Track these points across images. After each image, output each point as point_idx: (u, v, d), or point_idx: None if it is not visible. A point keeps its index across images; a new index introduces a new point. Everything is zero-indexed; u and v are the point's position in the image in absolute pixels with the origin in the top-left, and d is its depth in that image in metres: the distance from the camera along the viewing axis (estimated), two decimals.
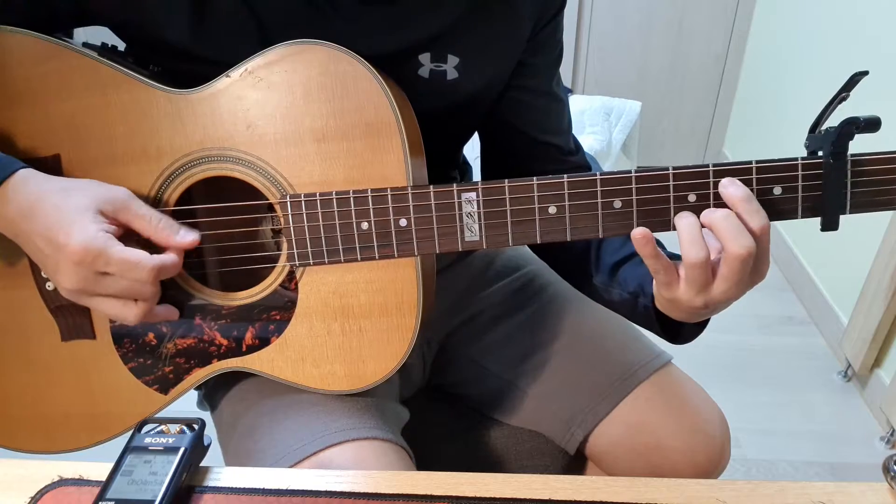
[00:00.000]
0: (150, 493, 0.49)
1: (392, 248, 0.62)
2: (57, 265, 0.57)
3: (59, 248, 0.56)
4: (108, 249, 0.55)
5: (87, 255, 0.55)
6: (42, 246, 0.57)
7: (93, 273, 0.56)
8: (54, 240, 0.56)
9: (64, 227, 0.56)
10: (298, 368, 0.66)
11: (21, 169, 0.58)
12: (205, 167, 0.63)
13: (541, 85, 0.78)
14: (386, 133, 0.61)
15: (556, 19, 0.76)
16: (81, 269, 0.56)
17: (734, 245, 0.54)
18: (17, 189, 0.57)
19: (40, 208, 0.57)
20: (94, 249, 0.55)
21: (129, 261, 0.56)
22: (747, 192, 0.55)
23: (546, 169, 0.81)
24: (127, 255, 0.56)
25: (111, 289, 0.58)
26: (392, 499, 0.52)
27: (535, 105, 0.79)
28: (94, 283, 0.57)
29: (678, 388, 0.79)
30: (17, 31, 0.62)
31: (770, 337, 1.97)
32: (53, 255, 0.56)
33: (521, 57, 0.75)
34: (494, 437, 0.85)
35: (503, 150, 0.84)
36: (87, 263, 0.55)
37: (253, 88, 0.61)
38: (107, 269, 0.56)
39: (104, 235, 0.56)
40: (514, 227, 0.60)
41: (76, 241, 0.55)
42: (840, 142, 0.55)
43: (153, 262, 0.57)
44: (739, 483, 0.53)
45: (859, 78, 0.55)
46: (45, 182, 0.58)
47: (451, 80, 0.70)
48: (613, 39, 2.55)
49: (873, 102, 0.81)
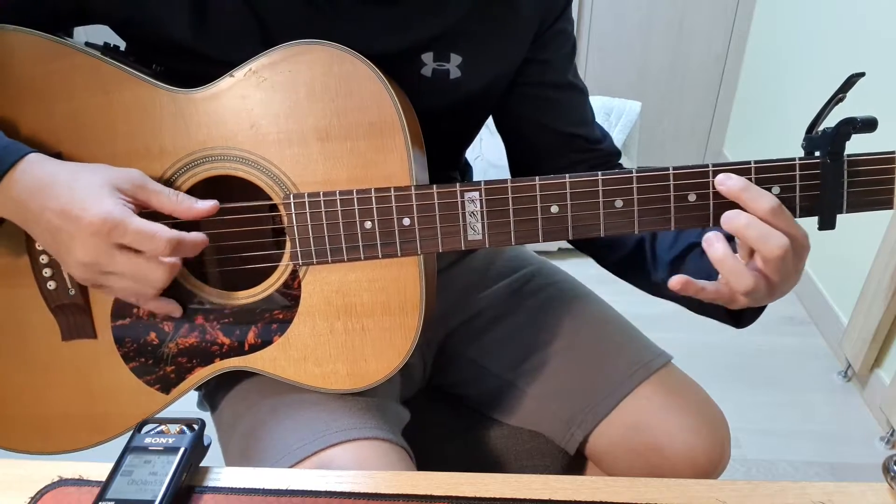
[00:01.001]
0: (150, 494, 0.49)
1: (395, 247, 0.62)
2: (71, 238, 0.56)
3: (74, 220, 0.56)
4: (126, 219, 0.56)
5: (105, 226, 0.55)
6: (56, 221, 0.57)
7: (108, 245, 0.56)
8: (69, 213, 0.56)
9: (79, 202, 0.56)
10: (301, 367, 0.66)
11: (30, 153, 0.58)
12: (208, 166, 0.63)
13: (560, 78, 0.79)
14: (389, 132, 0.61)
15: (565, 14, 0.76)
16: (97, 240, 0.56)
17: (768, 250, 0.55)
18: (27, 171, 0.57)
19: (52, 187, 0.57)
20: (112, 220, 0.55)
21: (146, 231, 0.56)
22: (744, 181, 0.56)
23: (576, 161, 0.81)
24: (144, 225, 0.56)
25: (122, 266, 0.57)
26: (392, 499, 0.52)
27: (557, 99, 0.79)
28: (108, 257, 0.57)
29: (678, 389, 0.79)
30: (19, 29, 0.62)
31: (770, 337, 1.97)
32: (67, 229, 0.56)
33: (532, 55, 0.75)
34: (494, 437, 0.85)
35: (531, 149, 0.83)
36: (104, 234, 0.56)
37: (257, 88, 0.61)
38: (123, 241, 0.56)
39: (122, 207, 0.57)
40: (516, 226, 0.61)
41: (94, 212, 0.55)
42: (837, 142, 0.56)
43: (170, 235, 0.57)
44: (739, 483, 0.53)
45: (856, 79, 0.56)
46: (56, 164, 0.59)
47: (453, 79, 0.70)
48: (613, 39, 2.55)
49: (870, 102, 0.81)
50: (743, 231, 0.56)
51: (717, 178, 0.57)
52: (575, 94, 0.80)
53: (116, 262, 0.57)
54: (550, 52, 0.76)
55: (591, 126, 0.82)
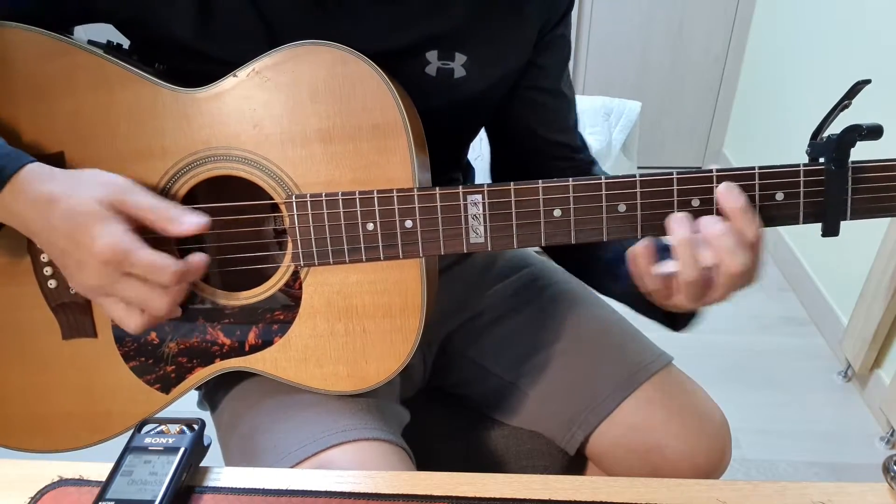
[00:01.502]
0: (150, 494, 0.49)
1: (397, 249, 0.62)
2: (81, 264, 0.57)
3: (84, 248, 0.56)
4: (136, 251, 0.56)
5: (115, 256, 0.55)
6: (63, 244, 0.57)
7: (118, 273, 0.57)
8: (78, 240, 0.56)
9: (86, 230, 0.56)
10: (301, 368, 0.67)
11: (29, 164, 0.58)
12: (210, 166, 0.63)
13: (551, 84, 0.79)
14: (392, 134, 0.61)
15: (565, 19, 0.76)
16: (107, 269, 0.56)
17: (731, 263, 0.55)
18: (27, 185, 0.57)
19: (56, 208, 0.56)
20: (121, 251, 0.55)
21: (153, 264, 0.56)
22: (746, 202, 0.56)
23: (555, 167, 0.82)
24: (153, 258, 0.56)
25: (127, 292, 0.58)
26: (392, 499, 0.53)
27: (546, 104, 0.80)
28: (115, 282, 0.57)
29: (679, 389, 0.79)
30: (22, 27, 0.62)
31: (770, 337, 1.97)
32: (76, 254, 0.57)
33: (532, 58, 0.75)
34: (494, 437, 0.85)
35: (513, 150, 0.84)
36: (115, 264, 0.56)
37: (260, 88, 0.61)
38: (132, 271, 0.56)
39: (130, 236, 0.56)
40: (518, 229, 0.60)
41: (102, 243, 0.55)
42: (842, 149, 0.56)
43: (177, 267, 0.57)
44: (739, 483, 0.53)
45: (862, 86, 0.55)
46: (52, 180, 0.58)
47: (458, 78, 0.70)
48: (613, 39, 2.55)
49: (873, 107, 0.81)
50: (718, 239, 0.55)
51: (721, 188, 0.57)
52: (564, 101, 0.81)
53: (121, 288, 0.58)
54: (547, 57, 0.76)
55: (573, 133, 0.83)
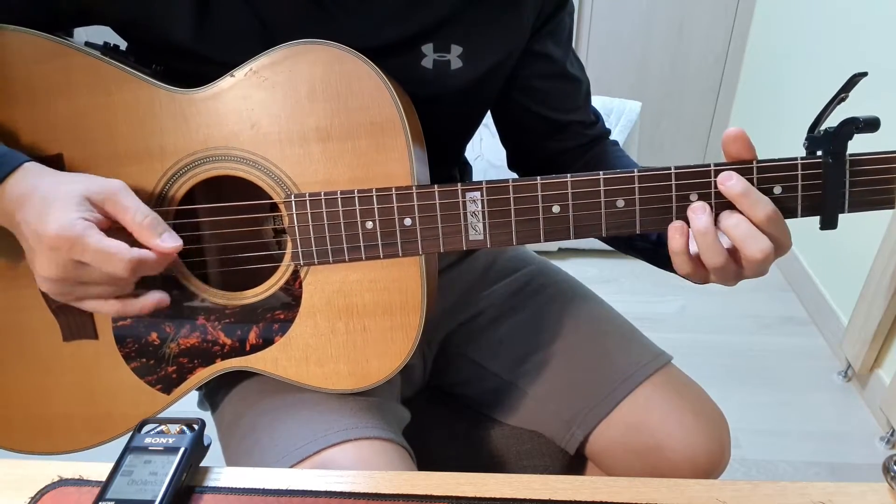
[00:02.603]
0: (150, 494, 0.49)
1: (396, 247, 0.62)
2: (34, 251, 0.55)
3: (38, 235, 0.54)
4: (85, 237, 0.53)
5: (63, 241, 0.53)
6: (27, 235, 0.55)
7: (70, 261, 0.54)
8: (36, 227, 0.54)
9: (45, 215, 0.54)
10: (302, 367, 0.67)
11: (25, 163, 0.58)
12: (209, 166, 0.63)
13: (557, 69, 0.79)
14: (390, 132, 0.61)
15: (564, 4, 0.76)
16: (57, 256, 0.54)
17: (751, 250, 0.56)
18: (18, 182, 0.57)
19: (30, 199, 0.55)
20: (71, 235, 0.53)
21: (105, 251, 0.53)
22: (746, 185, 0.56)
23: (569, 145, 0.84)
24: (104, 244, 0.53)
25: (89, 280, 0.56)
26: (392, 499, 0.52)
27: (553, 89, 0.80)
28: (73, 273, 0.55)
29: (678, 389, 0.79)
30: (19, 29, 0.62)
31: (770, 337, 1.97)
32: (34, 243, 0.55)
33: (532, 46, 0.75)
34: (494, 437, 0.85)
35: (526, 135, 0.85)
36: (64, 250, 0.53)
37: (257, 88, 0.61)
38: (82, 258, 0.54)
39: (83, 223, 0.54)
40: (518, 226, 0.60)
41: (53, 226, 0.53)
42: (839, 142, 0.56)
43: (131, 255, 0.54)
44: (739, 483, 0.53)
45: (858, 79, 0.56)
46: (41, 175, 0.57)
47: (454, 69, 0.70)
48: (613, 39, 2.55)
49: (872, 102, 0.81)
50: (731, 230, 0.57)
51: (720, 177, 0.57)
52: (570, 83, 0.82)
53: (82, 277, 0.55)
54: (550, 44, 0.76)
55: (585, 110, 0.84)
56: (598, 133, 0.85)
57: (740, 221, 0.56)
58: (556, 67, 0.79)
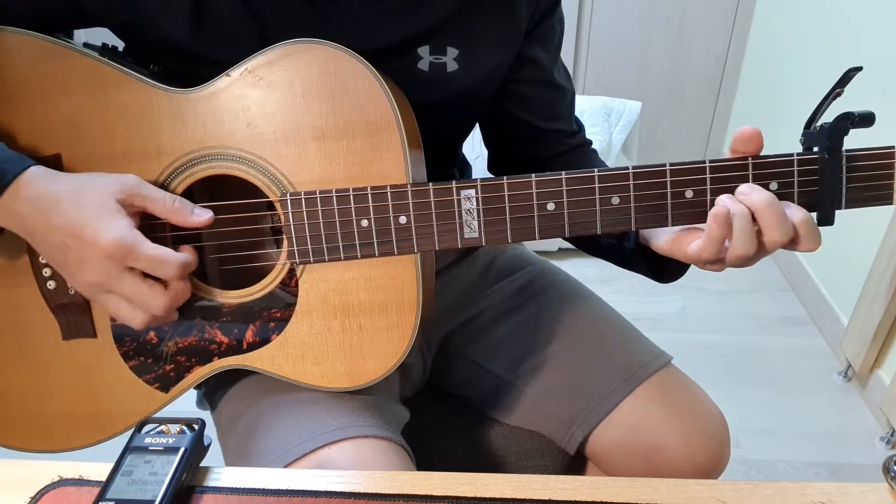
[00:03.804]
0: (150, 494, 0.49)
1: (392, 245, 0.62)
2: (83, 260, 0.57)
3: (87, 244, 0.56)
4: (140, 245, 0.57)
5: (120, 250, 0.56)
6: (65, 241, 0.57)
7: (120, 268, 0.57)
8: (80, 235, 0.56)
9: (89, 223, 0.57)
10: (299, 366, 0.66)
11: (32, 166, 0.58)
12: (205, 166, 0.63)
13: (544, 76, 0.79)
14: (385, 131, 0.61)
15: (556, 10, 0.76)
16: (110, 263, 0.57)
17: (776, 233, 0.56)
18: (30, 186, 0.57)
19: (59, 207, 0.57)
20: (127, 244, 0.56)
21: (158, 258, 0.58)
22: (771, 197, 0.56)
23: (550, 153, 0.84)
24: (156, 251, 0.58)
25: (127, 289, 0.58)
26: (392, 499, 0.52)
27: (538, 96, 0.80)
28: (116, 278, 0.58)
29: (678, 389, 0.79)
30: (17, 30, 0.62)
31: (770, 337, 1.97)
32: (78, 250, 0.57)
33: (521, 50, 0.75)
34: (494, 437, 0.85)
35: (509, 140, 0.85)
36: (119, 258, 0.57)
37: (253, 87, 0.61)
38: (136, 265, 0.57)
39: (133, 230, 0.58)
40: (513, 223, 0.60)
41: (109, 236, 0.56)
42: (835, 137, 0.56)
43: (181, 259, 0.59)
44: (739, 483, 0.53)
45: (853, 74, 0.56)
46: (56, 181, 0.59)
47: (450, 72, 0.70)
48: (613, 39, 2.55)
49: (868, 97, 0.81)
50: (763, 207, 0.55)
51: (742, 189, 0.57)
52: (555, 91, 0.82)
53: (123, 285, 0.58)
54: (539, 49, 0.76)
55: (568, 119, 0.84)
56: (578, 143, 0.85)
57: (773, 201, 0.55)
58: (543, 74, 0.79)
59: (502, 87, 0.78)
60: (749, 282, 2.19)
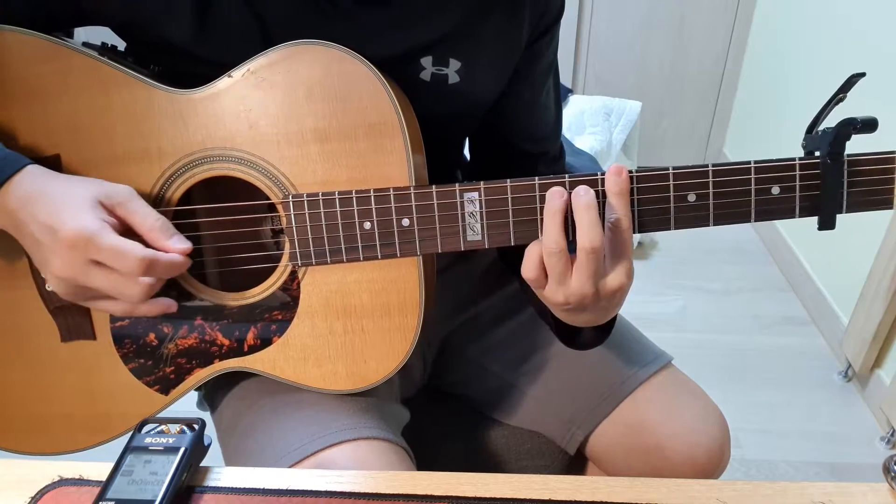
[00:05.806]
0: (150, 494, 0.49)
1: (395, 247, 0.62)
2: (51, 251, 0.56)
3: (54, 233, 0.55)
4: (100, 236, 0.55)
5: (80, 240, 0.54)
6: (38, 233, 0.56)
7: (84, 260, 0.55)
8: (51, 225, 0.55)
9: (61, 214, 0.55)
10: (300, 368, 0.66)
11: (28, 165, 0.58)
12: (207, 167, 0.63)
13: (531, 95, 0.78)
14: (388, 133, 0.61)
15: (553, 29, 0.75)
16: (73, 254, 0.55)
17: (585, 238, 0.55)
18: (22, 183, 0.57)
19: (41, 198, 0.56)
20: (87, 234, 0.54)
21: (119, 249, 0.55)
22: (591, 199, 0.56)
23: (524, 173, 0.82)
24: (118, 243, 0.55)
25: (96, 282, 0.57)
26: (392, 499, 0.52)
27: (522, 115, 0.79)
28: (84, 273, 0.56)
29: (678, 389, 0.79)
30: (17, 30, 0.62)
31: (770, 337, 1.97)
32: (48, 241, 0.56)
33: (516, 64, 0.74)
34: (494, 437, 0.85)
35: (487, 153, 0.85)
36: (80, 248, 0.55)
37: (255, 88, 0.61)
38: (97, 257, 0.55)
39: (99, 223, 0.55)
40: (515, 226, 0.60)
41: (70, 225, 0.54)
42: (837, 142, 0.56)
43: (143, 254, 0.55)
44: (739, 483, 0.53)
45: (856, 79, 0.56)
46: (49, 177, 0.58)
47: (452, 84, 0.70)
48: (613, 39, 2.55)
49: (870, 102, 0.81)
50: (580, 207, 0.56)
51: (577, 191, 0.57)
52: (542, 111, 0.80)
53: (92, 278, 0.56)
54: (531, 66, 0.75)
55: (551, 142, 0.83)
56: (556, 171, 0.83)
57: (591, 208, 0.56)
58: (532, 93, 0.78)
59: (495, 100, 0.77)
60: (749, 282, 2.19)
